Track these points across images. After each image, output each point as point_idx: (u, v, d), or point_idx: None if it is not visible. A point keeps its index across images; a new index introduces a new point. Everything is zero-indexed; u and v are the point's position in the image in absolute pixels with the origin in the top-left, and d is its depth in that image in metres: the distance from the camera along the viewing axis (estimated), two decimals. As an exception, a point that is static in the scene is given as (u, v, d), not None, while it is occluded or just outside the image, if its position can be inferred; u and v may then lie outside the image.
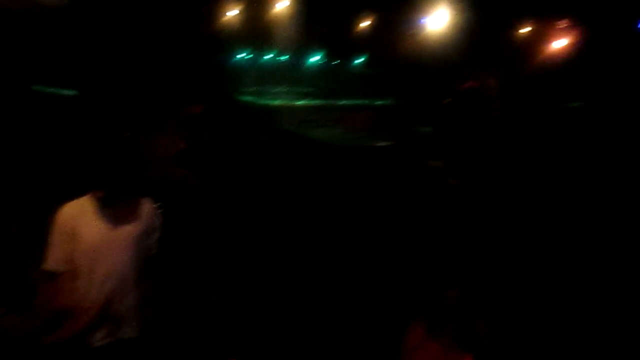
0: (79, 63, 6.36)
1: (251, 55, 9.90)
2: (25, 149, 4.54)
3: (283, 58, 9.02)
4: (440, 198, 4.84)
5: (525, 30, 7.08)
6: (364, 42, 8.13)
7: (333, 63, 8.92)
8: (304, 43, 8.53)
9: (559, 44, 6.73)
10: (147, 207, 3.10)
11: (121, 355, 3.08)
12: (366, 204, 4.83)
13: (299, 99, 7.72)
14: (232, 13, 7.46)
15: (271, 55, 9.38)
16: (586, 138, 5.84)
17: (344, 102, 7.69)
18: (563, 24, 6.78)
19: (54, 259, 2.86)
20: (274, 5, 7.31)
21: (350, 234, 4.32)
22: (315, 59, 9.25)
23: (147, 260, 3.09)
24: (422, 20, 6.75)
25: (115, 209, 2.92)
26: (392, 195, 4.93)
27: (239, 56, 9.59)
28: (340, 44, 8.62)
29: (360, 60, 8.61)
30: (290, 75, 8.59)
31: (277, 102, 7.52)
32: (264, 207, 4.75)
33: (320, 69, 8.79)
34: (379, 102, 7.69)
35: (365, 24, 7.66)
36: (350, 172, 5.38)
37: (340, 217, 4.61)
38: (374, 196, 4.96)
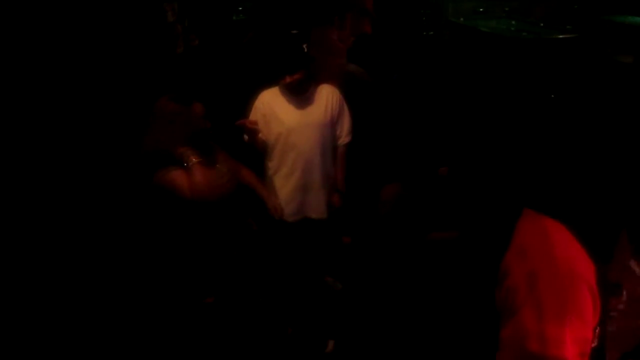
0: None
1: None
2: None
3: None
4: (631, 101, 4.35)
5: None
6: None
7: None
8: None
9: None
10: (332, 97, 3.30)
11: (309, 232, 3.41)
12: (540, 105, 4.53)
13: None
14: None
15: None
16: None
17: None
18: None
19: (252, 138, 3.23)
20: None
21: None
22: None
23: (331, 146, 3.32)
24: None
25: (303, 97, 3.18)
26: (573, 97, 4.55)
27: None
28: None
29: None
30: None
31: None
32: (434, 106, 4.67)
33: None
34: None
35: None
36: (526, 68, 5.03)
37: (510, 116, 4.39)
38: (550, 97, 4.62)
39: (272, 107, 3.28)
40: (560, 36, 5.57)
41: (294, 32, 5.21)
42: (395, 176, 2.99)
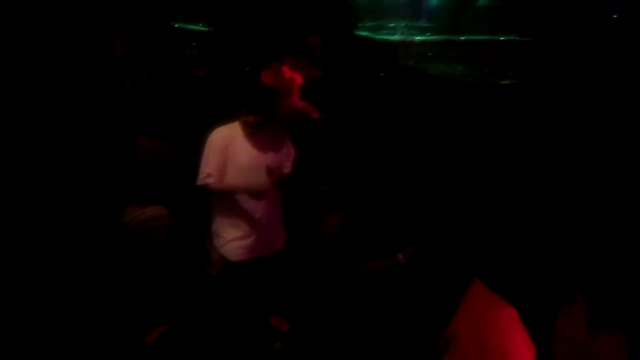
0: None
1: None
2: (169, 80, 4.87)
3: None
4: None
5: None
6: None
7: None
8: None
9: None
10: (285, 138, 3.35)
11: (262, 270, 3.36)
12: (484, 143, 4.68)
13: (418, 34, 7.46)
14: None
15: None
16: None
17: (465, 37, 7.33)
18: None
19: (207, 176, 3.19)
20: None
21: (465, 173, 4.23)
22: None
23: (282, 184, 3.33)
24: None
25: (260, 136, 3.20)
26: (513, 137, 4.72)
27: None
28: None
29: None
30: (409, 10, 8.29)
31: (395, 37, 7.34)
32: (381, 143, 4.75)
33: (440, 3, 8.41)
34: (503, 38, 7.25)
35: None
36: (471, 109, 5.21)
37: (455, 155, 4.52)
38: (493, 136, 4.79)
39: (229, 144, 3.27)
40: (504, 82, 5.83)
41: (248, 69, 5.26)
42: (338, 207, 3.02)
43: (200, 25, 6.89)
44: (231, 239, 3.25)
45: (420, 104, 5.15)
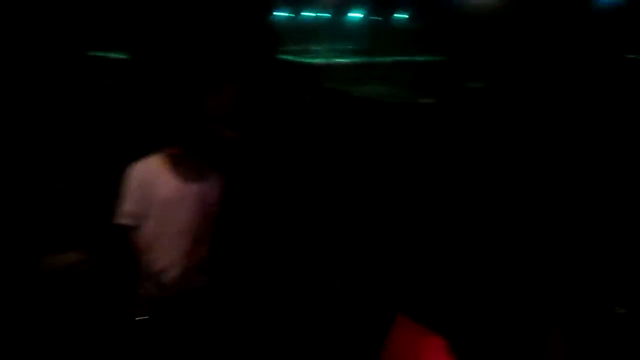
0: (130, 27, 6.44)
1: (291, 13, 9.80)
2: (77, 111, 4.68)
3: (324, 15, 8.91)
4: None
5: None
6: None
7: (374, 19, 8.76)
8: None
9: None
10: (210, 168, 3.23)
11: (189, 304, 3.25)
12: (408, 161, 4.81)
13: (340, 56, 7.64)
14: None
15: (311, 13, 9.26)
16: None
17: (386, 58, 7.58)
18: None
19: (126, 213, 3.02)
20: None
21: (394, 192, 4.32)
22: (356, 15, 9.11)
23: (211, 218, 3.23)
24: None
25: (183, 168, 3.05)
26: (436, 153, 4.88)
27: (278, 14, 9.51)
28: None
29: (402, 16, 8.43)
30: (331, 33, 8.48)
31: (318, 61, 7.47)
32: (310, 165, 4.78)
33: (361, 25, 8.66)
34: (423, 58, 7.56)
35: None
36: (395, 128, 5.36)
37: (382, 175, 4.61)
38: (416, 153, 4.93)
39: (149, 179, 3.12)
40: (424, 101, 6.05)
41: (176, 98, 5.17)
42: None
43: (121, 53, 6.72)
44: (156, 277, 3.12)
45: (345, 127, 5.24)
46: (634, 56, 6.42)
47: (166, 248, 3.10)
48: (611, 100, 5.30)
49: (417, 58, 7.57)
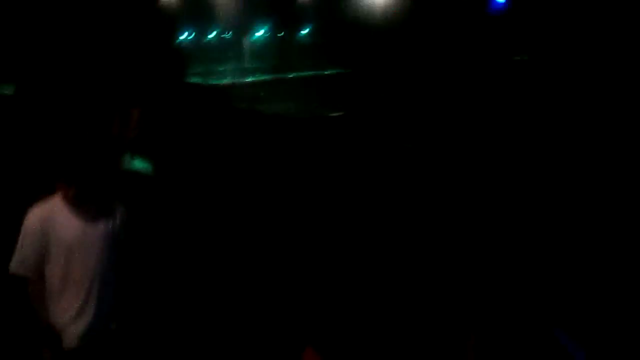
0: (15, 60, 6.12)
1: (194, 36, 9.69)
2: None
3: (227, 35, 8.88)
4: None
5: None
6: (308, 12, 8.09)
7: (278, 36, 8.85)
8: (246, 18, 8.41)
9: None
10: (114, 204, 3.05)
11: (100, 350, 3.07)
12: (324, 174, 4.88)
13: (247, 75, 7.65)
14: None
15: (214, 34, 9.21)
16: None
17: (293, 74, 7.67)
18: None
19: (23, 263, 2.80)
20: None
21: (309, 208, 4.36)
22: (259, 33, 9.15)
23: (119, 257, 3.04)
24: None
25: (86, 207, 2.86)
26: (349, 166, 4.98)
27: (181, 37, 9.37)
28: (284, 15, 8.54)
29: (305, 31, 8.56)
30: (236, 53, 8.48)
31: (225, 81, 7.44)
32: (225, 190, 4.73)
33: (265, 43, 8.71)
34: (329, 72, 7.71)
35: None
36: (306, 143, 5.42)
37: (297, 190, 4.64)
38: (332, 166, 5.01)
39: (49, 223, 2.91)
40: (333, 114, 6.17)
41: (74, 130, 4.94)
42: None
43: (6, 89, 6.32)
44: (60, 327, 2.91)
45: (256, 145, 5.24)
46: (519, 58, 6.90)
47: (73, 295, 2.90)
48: (500, 100, 5.67)
49: (323, 72, 7.71)
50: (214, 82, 7.43)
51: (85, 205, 2.86)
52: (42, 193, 2.87)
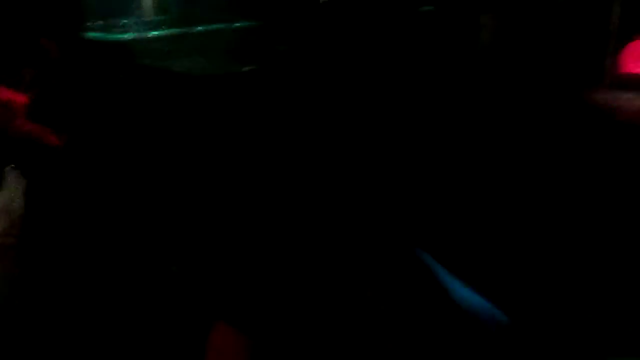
0: None
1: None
2: None
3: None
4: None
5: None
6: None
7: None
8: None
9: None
10: (9, 174, 2.86)
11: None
12: (237, 132, 4.77)
13: (152, 29, 7.24)
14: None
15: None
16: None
17: (200, 28, 7.34)
18: None
19: None
20: None
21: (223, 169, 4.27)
22: (163, -17, 8.64)
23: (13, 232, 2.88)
24: None
25: None
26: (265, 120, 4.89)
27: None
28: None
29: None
30: (140, 4, 7.98)
31: (128, 36, 7.01)
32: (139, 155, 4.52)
33: (170, -6, 8.26)
34: (238, 25, 7.45)
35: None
36: (219, 100, 5.26)
37: (211, 150, 4.52)
38: (245, 123, 4.91)
39: None
40: (245, 69, 6.00)
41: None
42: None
43: None
44: None
45: (165, 105, 5.01)
46: (428, 8, 6.97)
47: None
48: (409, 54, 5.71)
49: (232, 25, 7.44)
50: (116, 36, 6.98)
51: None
52: None
